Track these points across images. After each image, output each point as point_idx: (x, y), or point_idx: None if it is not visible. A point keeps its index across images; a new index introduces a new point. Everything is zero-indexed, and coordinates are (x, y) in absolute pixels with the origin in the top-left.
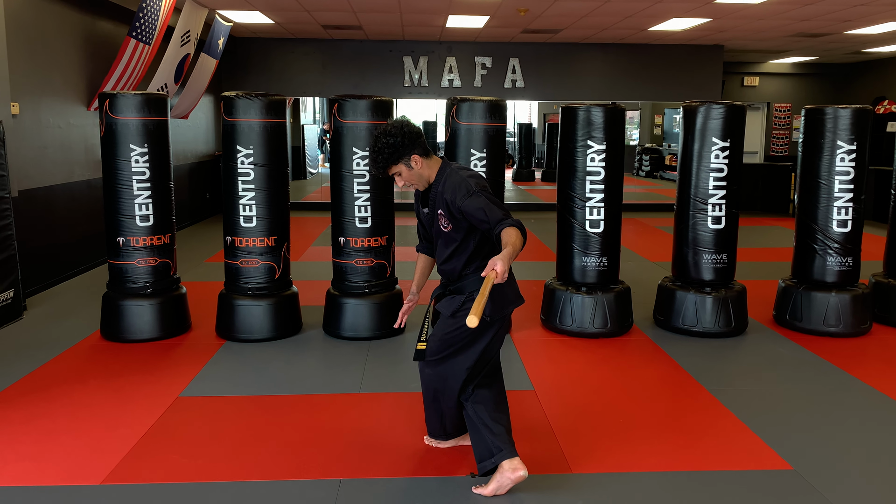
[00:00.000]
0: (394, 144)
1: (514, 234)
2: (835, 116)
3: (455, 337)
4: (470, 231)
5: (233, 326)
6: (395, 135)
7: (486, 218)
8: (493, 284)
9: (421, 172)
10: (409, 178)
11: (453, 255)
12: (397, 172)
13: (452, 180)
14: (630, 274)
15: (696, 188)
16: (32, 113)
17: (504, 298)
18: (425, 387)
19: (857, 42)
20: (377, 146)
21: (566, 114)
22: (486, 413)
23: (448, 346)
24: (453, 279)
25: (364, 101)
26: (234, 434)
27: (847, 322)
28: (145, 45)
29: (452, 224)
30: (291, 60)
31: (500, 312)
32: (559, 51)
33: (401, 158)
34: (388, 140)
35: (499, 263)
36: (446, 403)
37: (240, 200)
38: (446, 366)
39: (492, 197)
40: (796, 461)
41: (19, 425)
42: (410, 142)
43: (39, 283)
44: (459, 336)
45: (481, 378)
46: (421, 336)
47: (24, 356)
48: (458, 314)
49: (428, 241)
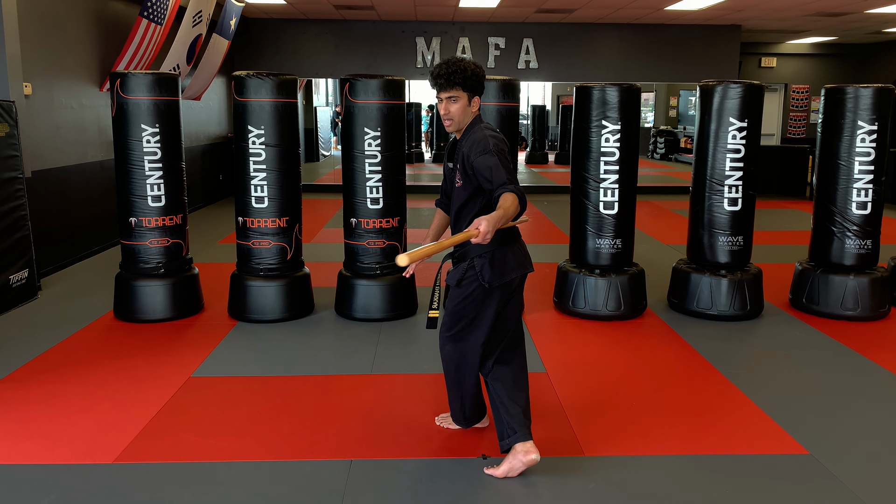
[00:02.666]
0: (478, 76)
1: (510, 198)
2: (856, 96)
3: (464, 308)
4: (477, 191)
5: (245, 307)
6: (477, 68)
7: (489, 177)
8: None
9: (466, 115)
10: (457, 112)
11: (459, 214)
12: (454, 97)
13: (475, 136)
14: (644, 256)
15: (713, 169)
16: (45, 93)
17: (504, 265)
18: (446, 364)
19: (879, 21)
20: (464, 65)
21: (581, 93)
22: (504, 391)
23: (460, 317)
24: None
25: (376, 81)
26: (246, 414)
27: (865, 305)
28: (157, 25)
29: (463, 180)
30: (303, 41)
31: (500, 279)
32: (573, 31)
33: (471, 90)
34: (473, 68)
35: (483, 223)
36: (468, 381)
37: (251, 181)
38: (464, 341)
39: (505, 161)
40: (813, 446)
41: (33, 403)
42: (482, 85)
43: (54, 263)
44: (467, 306)
45: (501, 353)
46: (432, 304)
47: (39, 336)
48: (463, 283)
49: (447, 197)
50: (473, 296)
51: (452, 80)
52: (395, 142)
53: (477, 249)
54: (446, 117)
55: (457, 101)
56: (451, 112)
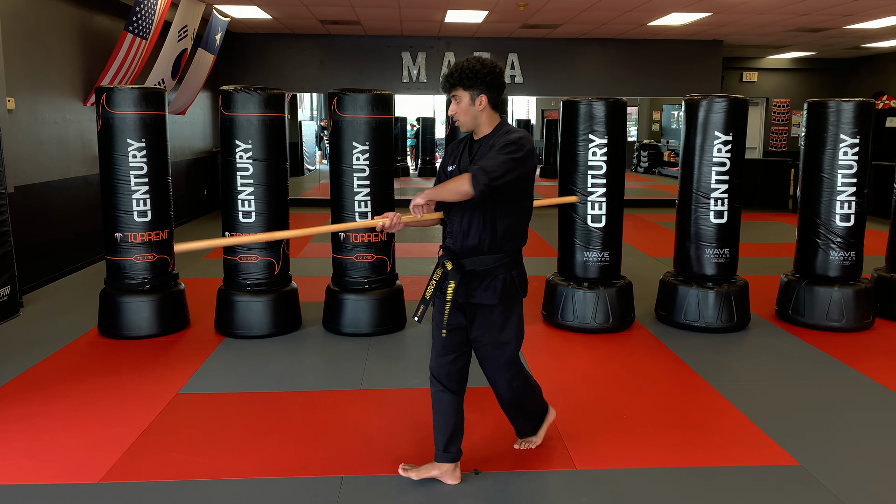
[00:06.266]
0: (476, 72)
1: (460, 179)
2: (838, 110)
3: (521, 327)
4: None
5: (232, 323)
6: (482, 66)
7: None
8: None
9: (478, 115)
10: (463, 112)
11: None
12: (456, 97)
13: (511, 136)
14: (631, 269)
15: (699, 182)
16: (28, 108)
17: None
18: (519, 392)
19: (857, 37)
20: (466, 63)
21: (567, 108)
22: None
23: (520, 340)
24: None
25: (364, 95)
26: (234, 431)
27: (850, 317)
28: (142, 40)
29: None
30: (289, 56)
31: (525, 291)
32: (558, 46)
33: (472, 87)
34: (474, 66)
35: (417, 196)
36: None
37: (238, 195)
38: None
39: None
40: (802, 456)
41: (16, 423)
42: (489, 82)
43: (37, 279)
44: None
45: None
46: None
47: (21, 353)
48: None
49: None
50: (515, 313)
51: (451, 81)
52: (384, 156)
53: (513, 264)
54: (453, 118)
55: (459, 100)
56: (460, 113)
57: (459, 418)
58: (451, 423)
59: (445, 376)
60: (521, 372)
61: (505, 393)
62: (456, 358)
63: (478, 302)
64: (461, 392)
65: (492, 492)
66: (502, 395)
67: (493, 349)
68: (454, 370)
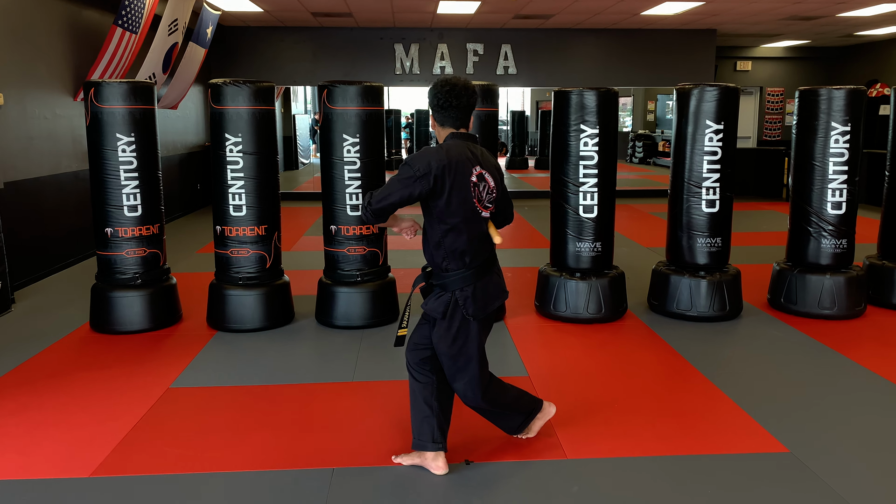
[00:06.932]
0: (431, 95)
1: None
2: (829, 97)
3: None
4: (428, 215)
5: (224, 317)
6: (436, 89)
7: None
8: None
9: (437, 133)
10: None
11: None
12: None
13: (412, 155)
14: (624, 259)
15: (690, 172)
16: (17, 103)
17: (486, 296)
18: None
19: (850, 25)
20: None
21: (559, 98)
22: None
23: (456, 358)
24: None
25: (354, 87)
26: (226, 424)
27: (842, 304)
28: (132, 34)
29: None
30: (282, 49)
31: (483, 311)
32: (551, 37)
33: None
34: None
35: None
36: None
37: (229, 189)
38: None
39: (403, 181)
40: (792, 444)
41: (7, 418)
42: (433, 105)
43: (28, 275)
44: (456, 344)
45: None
46: (402, 323)
47: (13, 349)
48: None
49: None
50: (462, 331)
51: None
52: (375, 148)
53: (459, 283)
54: None
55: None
56: None
57: (433, 407)
58: (422, 411)
59: (417, 364)
60: (474, 385)
61: (461, 398)
62: (426, 348)
63: (426, 310)
64: (431, 382)
65: (482, 481)
66: (460, 398)
67: (442, 357)
68: (425, 358)
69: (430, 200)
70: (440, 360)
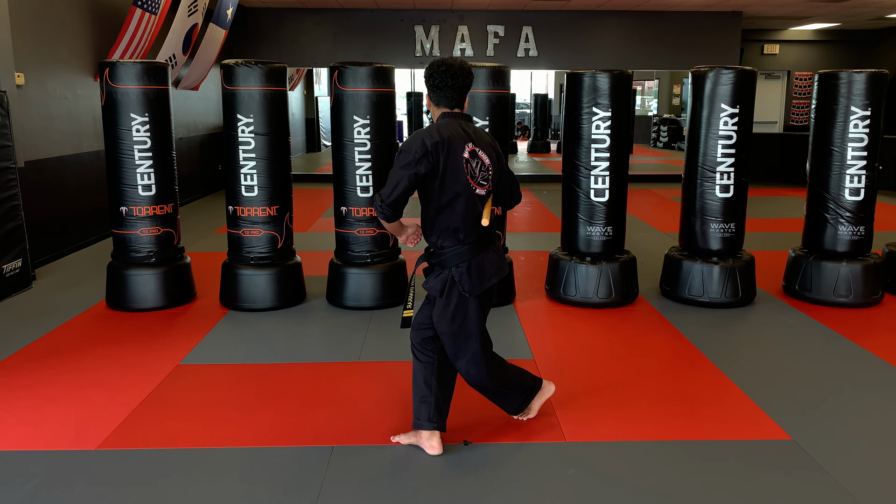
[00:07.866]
0: (427, 76)
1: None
2: (849, 81)
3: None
4: (422, 193)
5: (236, 296)
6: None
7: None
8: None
9: (432, 112)
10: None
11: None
12: None
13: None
14: (640, 244)
15: (704, 156)
16: (38, 83)
17: (482, 273)
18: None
19: (881, 7)
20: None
21: (571, 80)
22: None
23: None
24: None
25: (365, 68)
26: (232, 401)
27: (858, 292)
28: (151, 14)
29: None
30: (302, 31)
31: (480, 287)
32: (573, 18)
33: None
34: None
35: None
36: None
37: (241, 170)
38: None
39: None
40: (796, 432)
41: (21, 391)
42: (431, 83)
43: (49, 253)
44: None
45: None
46: (407, 304)
47: (31, 324)
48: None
49: None
50: (460, 308)
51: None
52: (385, 130)
53: (454, 259)
54: None
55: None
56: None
57: (432, 387)
58: (421, 391)
59: (420, 344)
60: (477, 361)
61: (464, 377)
62: (428, 328)
63: (426, 289)
64: (432, 362)
65: (479, 462)
66: (463, 377)
67: (443, 337)
68: (427, 338)
69: (425, 179)
70: (441, 340)
